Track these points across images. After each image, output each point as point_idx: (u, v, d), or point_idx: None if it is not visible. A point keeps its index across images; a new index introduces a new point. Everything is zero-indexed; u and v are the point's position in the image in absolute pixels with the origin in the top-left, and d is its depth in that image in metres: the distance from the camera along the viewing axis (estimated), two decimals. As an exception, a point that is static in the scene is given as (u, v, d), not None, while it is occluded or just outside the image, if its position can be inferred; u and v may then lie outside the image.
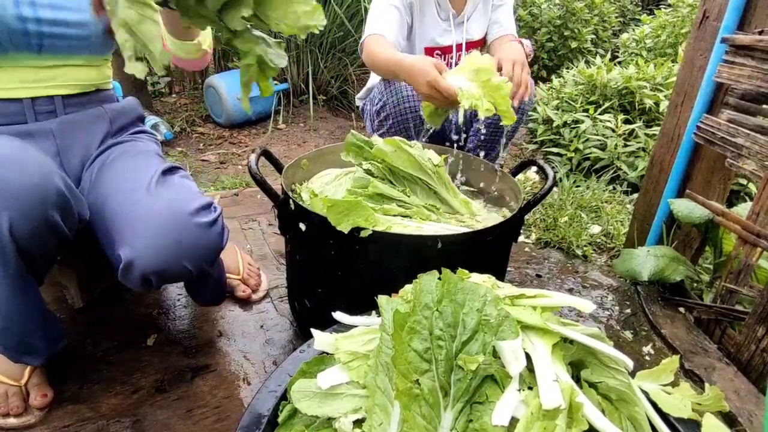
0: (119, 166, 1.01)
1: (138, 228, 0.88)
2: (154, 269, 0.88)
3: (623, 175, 2.34)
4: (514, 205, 1.14)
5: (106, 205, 0.94)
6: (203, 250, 0.92)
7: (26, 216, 0.78)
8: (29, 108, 0.97)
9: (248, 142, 2.90)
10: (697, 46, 1.33)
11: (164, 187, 0.95)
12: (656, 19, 3.74)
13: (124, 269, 0.88)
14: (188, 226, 0.90)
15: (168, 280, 0.93)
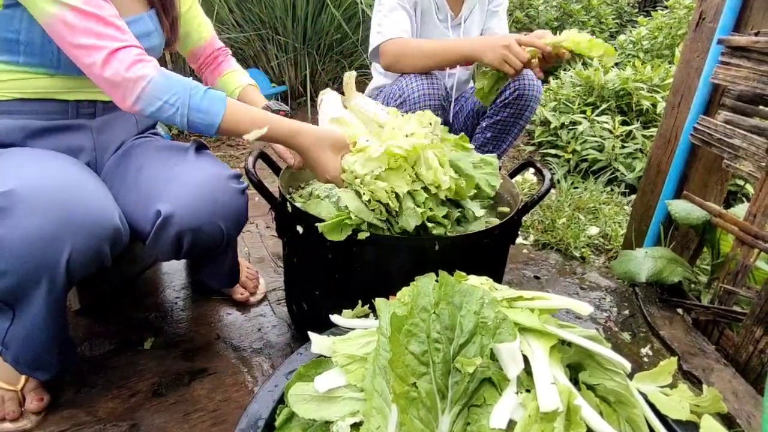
0: (150, 146, 1.07)
1: (179, 185, 0.93)
2: (192, 225, 0.92)
3: (621, 176, 2.34)
4: (511, 207, 1.14)
5: (141, 172, 0.99)
6: (236, 214, 0.99)
7: (83, 249, 0.80)
8: (73, 108, 0.99)
9: (246, 144, 2.89)
10: (693, 47, 1.34)
11: (200, 156, 1.03)
12: (653, 21, 3.75)
13: (162, 224, 0.91)
14: (226, 188, 0.97)
15: (199, 242, 0.95)
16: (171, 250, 0.94)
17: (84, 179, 0.87)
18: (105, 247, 0.84)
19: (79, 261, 0.81)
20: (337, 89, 3.32)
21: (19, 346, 0.89)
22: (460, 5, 1.68)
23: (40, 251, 0.77)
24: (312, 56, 3.11)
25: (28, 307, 0.84)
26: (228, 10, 2.97)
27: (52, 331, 0.89)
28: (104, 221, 0.83)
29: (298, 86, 3.23)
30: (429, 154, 0.91)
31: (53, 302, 0.85)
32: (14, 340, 0.89)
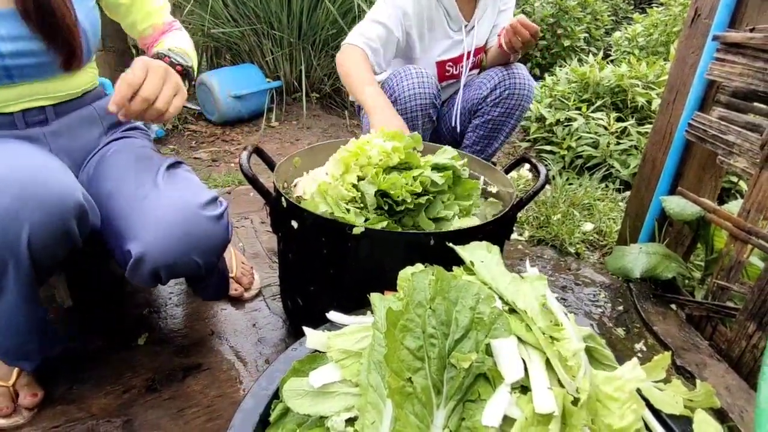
0: (120, 162, 1.01)
1: (148, 223, 0.88)
2: (165, 263, 0.88)
3: (616, 173, 2.35)
4: (506, 203, 1.14)
5: (111, 201, 0.93)
6: (212, 244, 0.93)
7: (45, 228, 0.78)
8: (20, 119, 0.95)
9: (241, 140, 2.88)
10: (688, 43, 1.34)
11: (171, 181, 0.96)
12: (648, 18, 3.76)
13: (134, 264, 0.87)
14: (198, 220, 0.90)
15: (177, 275, 0.93)
16: (150, 282, 0.92)
17: (43, 159, 0.84)
18: (70, 225, 0.81)
19: (41, 239, 0.78)
20: (332, 85, 3.31)
21: (2, 336, 0.89)
22: (473, 10, 1.68)
23: (0, 231, 0.75)
24: (307, 51, 3.09)
25: (3, 294, 0.83)
26: (222, 5, 2.95)
27: (28, 319, 0.88)
28: (65, 198, 0.80)
29: (293, 81, 3.22)
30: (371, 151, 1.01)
31: (24, 286, 0.83)
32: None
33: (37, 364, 0.95)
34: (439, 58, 1.71)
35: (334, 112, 3.31)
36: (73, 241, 0.84)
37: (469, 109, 1.75)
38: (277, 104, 3.14)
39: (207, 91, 2.90)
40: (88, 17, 0.96)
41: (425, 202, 1.01)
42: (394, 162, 1.00)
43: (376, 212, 0.99)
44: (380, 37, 1.51)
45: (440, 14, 1.62)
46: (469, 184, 1.09)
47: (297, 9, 2.88)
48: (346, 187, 0.96)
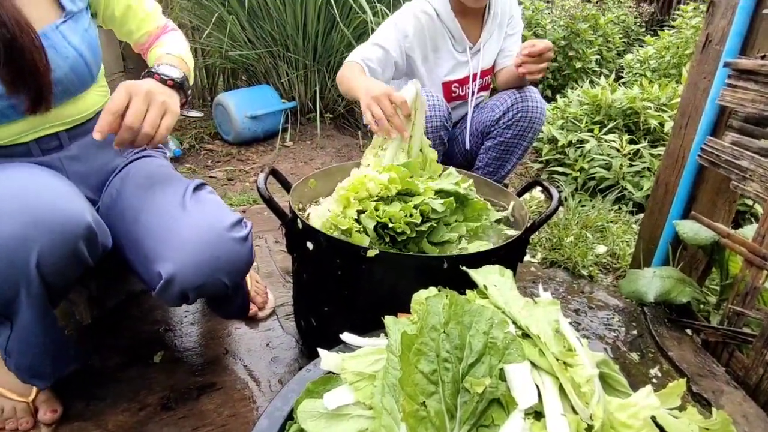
0: (145, 185, 1.03)
1: (177, 244, 0.90)
2: (194, 284, 0.90)
3: (629, 194, 2.35)
4: (519, 226, 1.15)
5: (138, 224, 0.95)
6: (239, 264, 0.96)
7: (55, 250, 0.79)
8: (35, 148, 0.97)
9: (256, 159, 2.93)
10: (700, 69, 1.35)
11: (197, 204, 0.97)
12: (660, 41, 3.78)
13: (164, 285, 0.89)
14: (225, 241, 0.93)
15: (204, 295, 0.95)
16: (177, 302, 0.94)
17: (52, 182, 0.85)
18: (80, 247, 0.82)
19: (50, 261, 0.80)
20: (345, 106, 3.36)
21: (18, 355, 0.91)
22: (479, 33, 1.71)
23: (10, 256, 0.76)
24: (322, 73, 3.15)
25: (18, 314, 0.85)
26: (240, 28, 3.03)
27: (41, 339, 0.89)
28: (74, 220, 0.81)
29: (307, 102, 3.27)
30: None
31: (36, 307, 0.84)
32: (14, 348, 0.90)
33: (49, 383, 0.97)
34: (445, 78, 1.75)
35: (348, 132, 3.35)
36: (83, 262, 0.86)
37: (481, 131, 1.77)
38: (291, 124, 3.19)
39: (224, 112, 2.96)
40: (84, 40, 0.95)
41: (427, 229, 1.02)
42: (392, 193, 1.01)
43: (378, 243, 1.00)
44: (378, 58, 1.56)
45: (444, 36, 1.66)
46: (478, 205, 1.10)
47: (312, 32, 2.95)
48: (348, 222, 0.98)
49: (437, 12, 1.63)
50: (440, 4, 1.63)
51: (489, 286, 0.78)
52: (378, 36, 1.61)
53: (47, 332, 0.90)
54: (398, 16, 1.64)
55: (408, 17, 1.62)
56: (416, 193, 1.06)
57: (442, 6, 1.63)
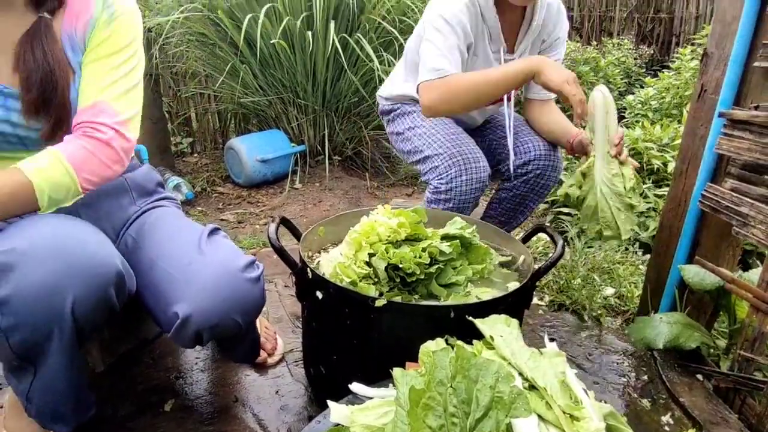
0: (162, 231, 1.08)
1: (194, 286, 0.94)
2: (210, 324, 0.94)
3: (635, 235, 2.36)
4: (524, 272, 1.17)
5: (155, 268, 1.00)
6: (252, 304, 1.00)
7: (88, 296, 0.84)
8: None
9: (266, 201, 2.99)
10: (697, 116, 1.39)
11: (213, 246, 1.02)
12: (660, 81, 3.86)
13: (180, 325, 0.93)
14: (240, 282, 0.97)
15: (218, 335, 0.99)
16: (192, 343, 0.98)
17: (83, 229, 0.89)
18: (110, 292, 0.87)
19: (84, 307, 0.83)
20: (353, 148, 3.44)
21: (40, 400, 0.93)
22: (514, 38, 1.57)
23: (45, 301, 0.80)
24: (330, 117, 3.25)
25: (45, 359, 0.87)
26: (252, 76, 3.15)
27: (68, 384, 0.92)
28: (106, 266, 0.86)
29: (316, 145, 3.36)
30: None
31: (67, 352, 0.87)
32: (36, 394, 0.92)
33: (71, 429, 0.98)
34: None
35: (355, 174, 3.42)
36: (111, 307, 0.90)
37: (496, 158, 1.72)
38: (300, 167, 3.27)
39: (235, 156, 3.05)
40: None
41: (435, 270, 1.06)
42: (402, 237, 1.06)
43: (389, 284, 1.04)
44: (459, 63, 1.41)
45: (483, 33, 1.51)
46: (482, 250, 1.13)
47: (321, 79, 3.06)
48: (359, 264, 1.01)
49: (479, 5, 1.46)
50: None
51: (495, 337, 0.80)
52: (438, 40, 1.41)
53: (73, 377, 0.92)
54: (444, 8, 1.43)
55: (458, 6, 1.42)
56: (423, 238, 1.10)
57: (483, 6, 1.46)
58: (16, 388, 0.94)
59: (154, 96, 3.22)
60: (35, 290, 0.79)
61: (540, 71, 1.30)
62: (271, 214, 2.81)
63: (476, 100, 1.41)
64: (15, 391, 0.96)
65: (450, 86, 1.36)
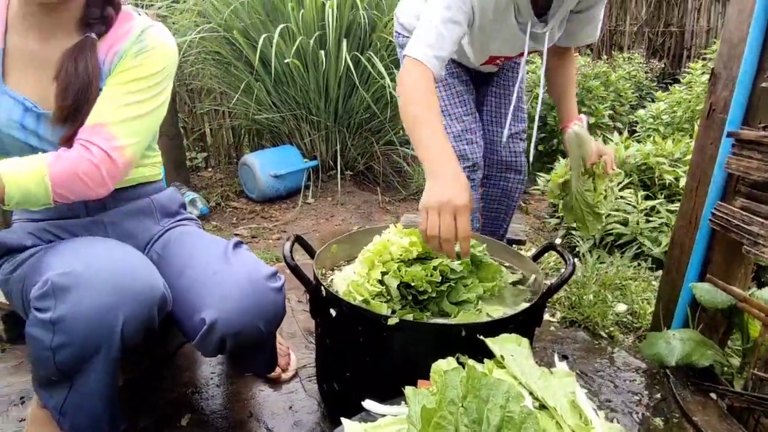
0: (187, 244, 1.14)
1: (220, 293, 1.00)
2: (234, 330, 0.99)
3: (647, 250, 2.35)
4: (535, 289, 1.18)
5: (183, 277, 1.05)
6: (273, 313, 1.06)
7: (137, 316, 0.90)
8: (81, 205, 1.07)
9: (279, 216, 3.03)
10: (706, 134, 1.40)
11: (238, 257, 1.08)
12: (671, 96, 3.86)
13: (206, 331, 0.98)
14: (264, 291, 1.03)
15: (241, 343, 1.03)
16: (215, 350, 1.02)
17: (130, 254, 0.98)
18: (154, 312, 0.93)
19: (132, 327, 0.90)
20: (365, 163, 3.48)
21: (75, 414, 0.96)
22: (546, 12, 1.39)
23: (99, 322, 0.86)
24: (342, 133, 3.30)
25: (86, 375, 0.92)
26: (266, 93, 3.21)
27: (106, 399, 0.96)
28: (152, 289, 0.93)
29: (328, 160, 3.40)
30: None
31: (109, 369, 0.92)
32: (71, 408, 0.96)
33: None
34: (495, 53, 1.53)
35: (367, 188, 3.46)
36: (153, 327, 0.96)
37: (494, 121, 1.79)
38: (313, 182, 3.31)
39: (249, 171, 3.10)
40: None
41: (446, 288, 1.09)
42: (413, 255, 1.09)
43: (401, 302, 1.06)
44: (453, 40, 1.22)
45: (509, 5, 1.33)
46: (492, 268, 1.15)
47: (334, 96, 3.11)
48: (371, 282, 1.04)
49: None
50: None
51: (506, 357, 0.81)
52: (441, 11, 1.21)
53: (111, 392, 0.97)
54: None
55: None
56: (435, 256, 1.13)
57: None
58: (47, 402, 0.97)
59: (171, 113, 3.30)
60: (90, 311, 0.85)
61: (428, 186, 1.04)
62: (284, 229, 2.85)
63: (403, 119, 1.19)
64: (45, 405, 0.99)
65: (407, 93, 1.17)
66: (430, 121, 1.11)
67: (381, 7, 3.02)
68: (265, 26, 2.99)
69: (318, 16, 2.89)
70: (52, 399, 0.96)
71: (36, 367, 0.95)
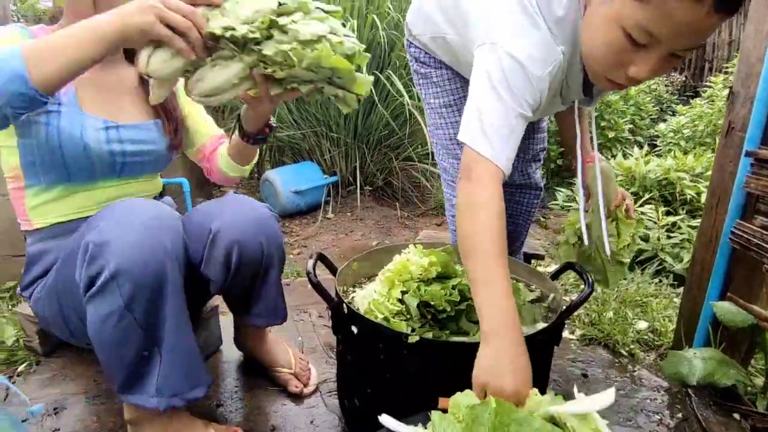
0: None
1: (227, 210, 1.17)
2: (237, 238, 1.14)
3: (668, 266, 2.33)
4: (554, 308, 1.20)
5: (196, 212, 1.24)
6: (273, 233, 1.22)
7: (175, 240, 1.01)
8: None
9: (299, 231, 3.08)
10: (725, 152, 1.40)
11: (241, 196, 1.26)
12: (692, 109, 3.83)
13: (211, 242, 1.14)
14: (265, 215, 1.22)
15: (244, 259, 1.16)
16: (222, 270, 1.15)
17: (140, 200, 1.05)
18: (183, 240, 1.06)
19: (178, 249, 1.00)
20: (384, 179, 3.52)
21: (171, 375, 1.02)
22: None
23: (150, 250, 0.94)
24: (362, 149, 3.35)
25: (163, 323, 0.99)
26: (287, 111, 3.29)
27: (189, 349, 1.04)
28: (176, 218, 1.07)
29: (348, 176, 3.46)
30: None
31: (180, 306, 1.01)
32: (167, 373, 1.01)
33: (208, 389, 1.09)
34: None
35: (386, 203, 3.50)
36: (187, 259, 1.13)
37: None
38: (333, 197, 3.36)
39: (270, 187, 3.17)
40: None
41: (465, 307, 1.11)
42: (433, 275, 1.12)
43: (420, 320, 1.08)
44: (520, 137, 1.03)
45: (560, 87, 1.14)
46: None
47: (353, 113, 3.17)
48: (392, 301, 1.06)
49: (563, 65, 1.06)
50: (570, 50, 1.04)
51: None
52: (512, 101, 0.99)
53: (191, 342, 1.05)
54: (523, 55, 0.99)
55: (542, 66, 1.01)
56: (453, 275, 1.15)
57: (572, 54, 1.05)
58: (138, 399, 1.02)
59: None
60: (137, 247, 0.93)
61: (483, 354, 0.90)
62: (304, 244, 2.90)
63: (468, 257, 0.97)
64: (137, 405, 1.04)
65: (480, 224, 0.96)
66: (497, 281, 0.91)
67: (400, 27, 3.08)
68: (287, 47, 3.07)
69: (338, 36, 2.97)
70: (145, 387, 1.01)
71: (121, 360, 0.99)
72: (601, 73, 0.98)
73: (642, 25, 0.85)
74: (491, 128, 0.98)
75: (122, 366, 0.99)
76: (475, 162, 0.98)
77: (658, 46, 0.87)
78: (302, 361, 1.47)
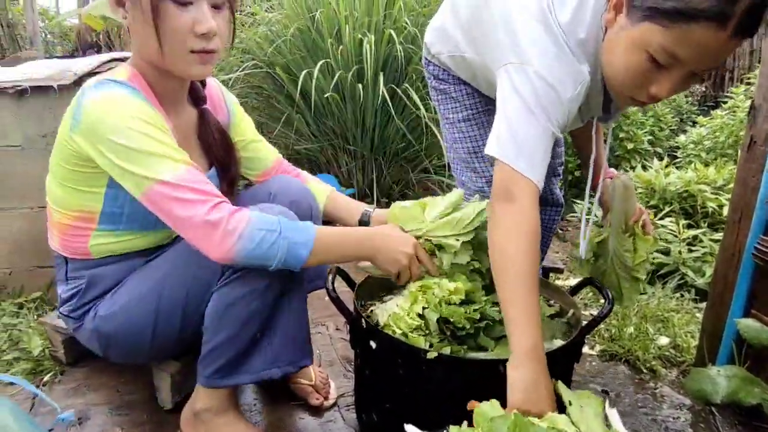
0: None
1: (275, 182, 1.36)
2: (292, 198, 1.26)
3: (690, 281, 2.29)
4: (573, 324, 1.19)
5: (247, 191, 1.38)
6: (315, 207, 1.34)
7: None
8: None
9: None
10: (747, 167, 1.39)
11: None
12: (713, 121, 3.78)
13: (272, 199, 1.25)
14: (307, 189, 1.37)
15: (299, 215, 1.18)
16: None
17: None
18: None
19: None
20: (400, 191, 3.53)
21: (281, 340, 1.17)
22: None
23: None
24: (378, 162, 3.37)
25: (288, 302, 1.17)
26: (305, 124, 3.34)
27: (300, 308, 1.23)
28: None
29: (365, 188, 3.48)
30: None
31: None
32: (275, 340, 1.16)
33: (312, 359, 1.24)
34: None
35: (402, 216, 3.50)
36: None
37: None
38: (350, 210, 3.38)
39: (288, 200, 3.20)
40: None
41: (485, 325, 1.11)
42: (456, 301, 1.09)
43: (439, 336, 1.08)
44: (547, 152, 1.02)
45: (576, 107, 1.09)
46: None
47: (370, 126, 3.20)
48: (411, 316, 1.07)
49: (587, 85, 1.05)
50: (592, 70, 1.05)
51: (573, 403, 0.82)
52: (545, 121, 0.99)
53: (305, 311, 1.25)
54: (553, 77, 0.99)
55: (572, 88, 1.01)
56: (477, 301, 1.14)
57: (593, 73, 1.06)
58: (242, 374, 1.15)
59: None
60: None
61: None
62: (321, 256, 2.91)
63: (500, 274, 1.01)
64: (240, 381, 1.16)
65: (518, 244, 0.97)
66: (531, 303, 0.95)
67: (417, 41, 3.11)
68: (306, 62, 3.12)
69: (356, 51, 3.01)
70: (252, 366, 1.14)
71: (235, 341, 1.11)
72: (624, 92, 1.01)
73: (666, 48, 0.88)
74: (527, 146, 0.98)
75: (232, 347, 1.10)
76: (513, 181, 0.98)
77: (680, 67, 0.91)
78: (321, 374, 1.48)
